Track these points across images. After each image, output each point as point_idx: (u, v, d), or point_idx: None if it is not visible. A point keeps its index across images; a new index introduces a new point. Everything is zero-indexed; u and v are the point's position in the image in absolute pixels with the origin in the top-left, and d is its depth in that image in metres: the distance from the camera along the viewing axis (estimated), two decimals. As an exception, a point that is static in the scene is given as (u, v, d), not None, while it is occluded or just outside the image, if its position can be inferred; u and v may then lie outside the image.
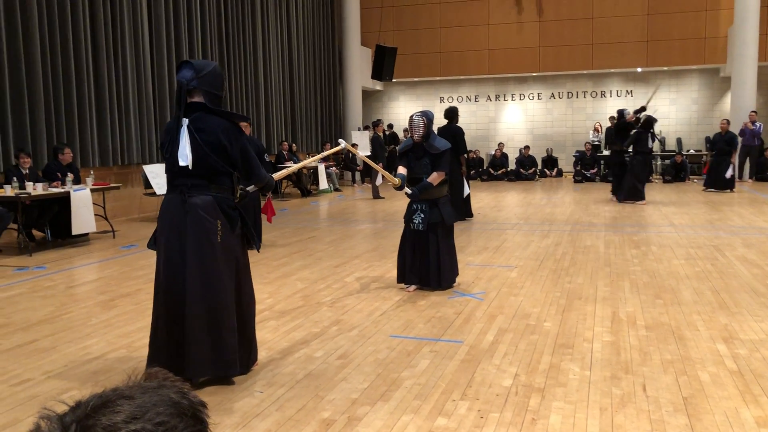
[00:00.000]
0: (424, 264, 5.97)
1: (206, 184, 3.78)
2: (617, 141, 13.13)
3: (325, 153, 5.64)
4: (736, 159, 15.30)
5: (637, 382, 3.76)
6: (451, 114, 10.62)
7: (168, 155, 3.80)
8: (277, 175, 4.46)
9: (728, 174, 14.62)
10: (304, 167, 4.78)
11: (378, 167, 6.21)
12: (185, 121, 3.76)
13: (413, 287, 6.00)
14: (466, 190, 10.30)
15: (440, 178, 5.88)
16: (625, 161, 13.09)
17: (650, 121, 12.68)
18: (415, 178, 5.91)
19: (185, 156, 3.72)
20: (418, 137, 5.87)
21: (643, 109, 13.16)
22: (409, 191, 5.82)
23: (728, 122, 15.32)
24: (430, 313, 5.27)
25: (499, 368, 4.02)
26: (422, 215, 5.86)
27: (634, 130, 12.76)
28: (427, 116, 5.90)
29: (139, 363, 4.20)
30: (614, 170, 13.52)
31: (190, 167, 3.74)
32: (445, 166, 5.88)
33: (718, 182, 14.75)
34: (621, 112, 13.21)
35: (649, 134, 12.68)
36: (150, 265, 7.49)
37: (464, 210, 10.68)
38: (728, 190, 14.65)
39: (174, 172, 3.79)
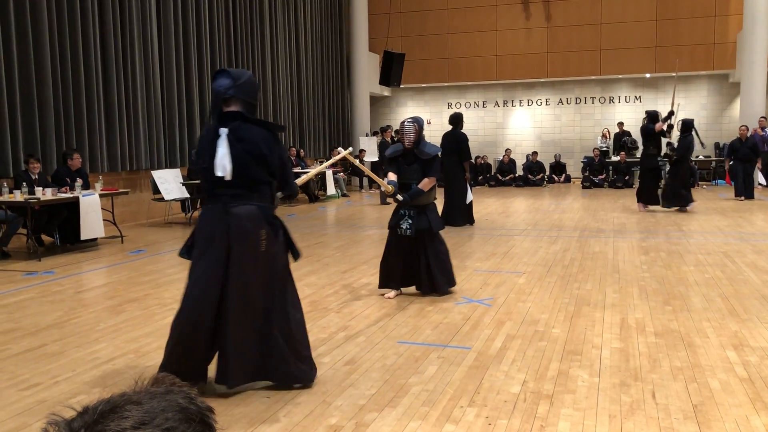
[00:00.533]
0: (416, 269, 5.96)
1: (248, 193, 3.74)
2: (649, 145, 12.39)
3: (330, 162, 5.61)
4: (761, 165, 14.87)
5: (646, 389, 3.74)
6: (456, 120, 10.63)
7: (205, 165, 3.74)
8: (297, 182, 4.45)
9: (764, 181, 14.33)
10: (318, 174, 4.81)
11: (372, 174, 6.18)
12: (224, 131, 3.72)
13: (393, 293, 5.99)
14: (470, 197, 10.31)
15: (431, 183, 5.87)
16: (658, 166, 12.48)
17: (689, 124, 12.23)
18: (404, 184, 5.89)
19: (222, 167, 3.68)
20: (410, 143, 5.87)
21: (672, 113, 12.71)
22: (401, 197, 5.79)
23: (747, 128, 14.83)
24: (437, 319, 5.26)
25: (508, 375, 4.00)
26: (410, 221, 5.83)
27: (680, 135, 12.37)
28: (418, 122, 5.90)
29: (147, 368, 4.21)
30: (646, 176, 12.48)
31: (228, 178, 3.69)
32: (436, 171, 5.88)
33: (749, 190, 14.10)
34: (652, 115, 12.53)
35: (694, 136, 12.33)
36: (158, 270, 7.51)
37: (468, 216, 10.68)
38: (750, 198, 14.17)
39: (213, 182, 3.73)
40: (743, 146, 14.27)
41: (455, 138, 10.44)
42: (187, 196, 11.92)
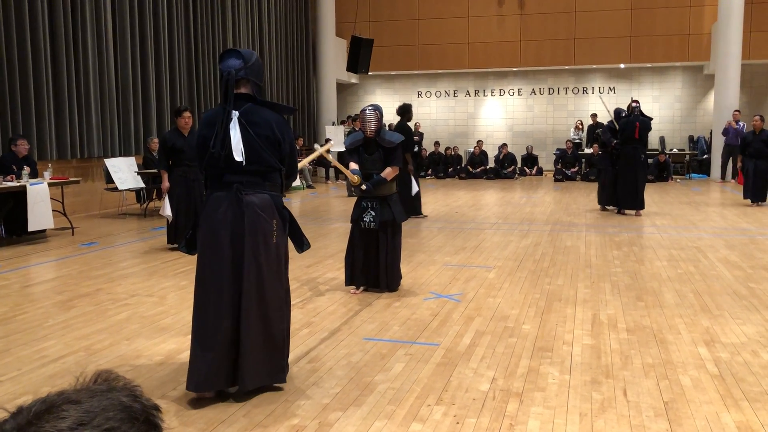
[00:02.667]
0: (374, 265, 5.97)
1: (261, 181, 3.69)
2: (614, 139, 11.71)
3: (310, 158, 5.47)
4: None
5: (617, 386, 3.79)
6: (404, 111, 10.70)
7: (214, 150, 3.63)
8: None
9: None
10: (311, 161, 4.83)
11: (338, 164, 6.12)
12: (235, 114, 3.66)
13: (361, 289, 6.00)
14: (415, 188, 10.45)
15: (394, 173, 5.89)
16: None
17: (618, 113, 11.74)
18: (366, 174, 5.89)
19: (240, 151, 3.63)
20: (371, 132, 5.86)
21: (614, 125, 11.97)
22: (364, 187, 5.79)
23: (762, 119, 12.65)
24: (405, 315, 5.27)
25: (476, 372, 4.03)
26: (373, 213, 5.84)
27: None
28: (379, 110, 5.91)
29: (100, 366, 4.13)
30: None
31: (245, 163, 3.63)
32: (398, 160, 5.91)
33: (761, 192, 12.29)
34: (611, 129, 11.80)
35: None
36: (111, 264, 7.39)
37: (413, 208, 10.84)
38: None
39: (222, 169, 3.66)
40: (756, 140, 12.43)
41: (402, 130, 10.55)
42: (142, 186, 11.75)
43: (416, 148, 20.57)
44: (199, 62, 14.75)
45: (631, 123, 11.24)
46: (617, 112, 11.91)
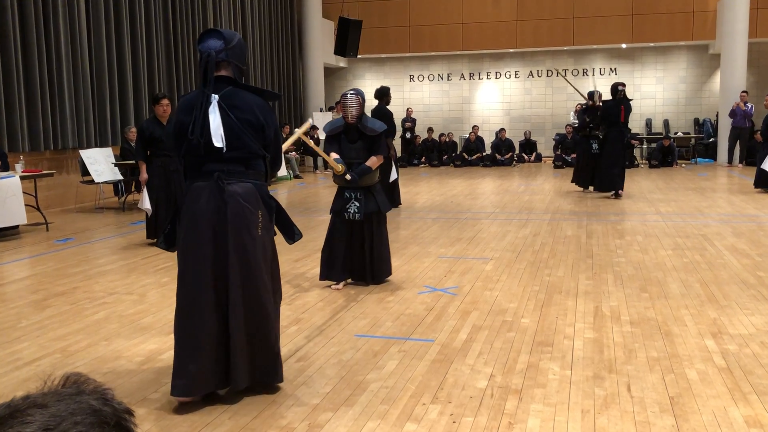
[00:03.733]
0: (359, 257, 5.97)
1: (243, 169, 3.64)
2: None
3: (289, 141, 5.45)
4: None
5: (621, 381, 3.81)
6: (381, 94, 10.77)
7: (192, 136, 3.56)
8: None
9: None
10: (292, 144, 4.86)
11: (321, 152, 6.08)
12: (215, 98, 3.60)
13: (342, 284, 5.97)
14: (394, 175, 10.53)
15: (379, 161, 5.88)
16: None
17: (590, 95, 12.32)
18: (348, 162, 5.86)
19: (220, 136, 3.56)
20: (353, 118, 5.83)
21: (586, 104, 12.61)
22: (349, 177, 5.76)
23: None
24: (398, 310, 5.27)
25: (473, 369, 4.04)
26: (357, 204, 5.82)
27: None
28: (361, 95, 5.87)
29: (77, 369, 4.12)
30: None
31: (225, 149, 3.58)
32: (384, 149, 5.89)
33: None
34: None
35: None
36: (88, 260, 7.37)
37: (391, 197, 10.89)
38: None
39: (201, 157, 3.60)
40: None
41: (380, 113, 10.58)
42: (120, 178, 11.71)
43: (408, 135, 20.77)
44: (178, 46, 14.66)
45: (617, 107, 11.72)
46: (590, 94, 12.53)
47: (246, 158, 3.64)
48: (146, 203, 8.01)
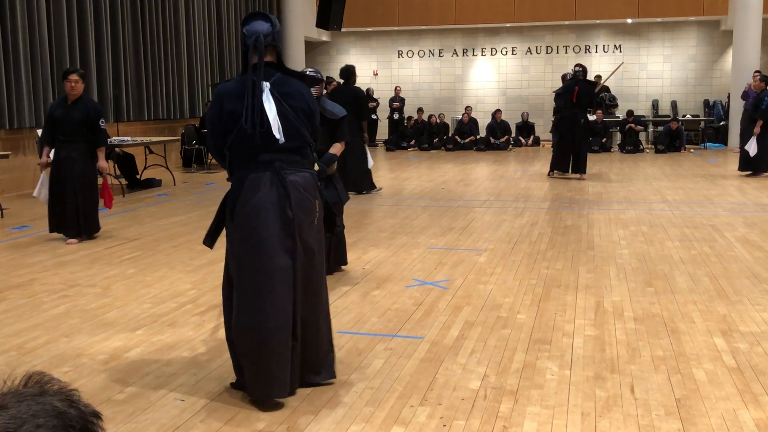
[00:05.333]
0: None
1: (299, 159, 3.76)
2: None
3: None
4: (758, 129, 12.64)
5: (624, 382, 3.84)
6: (349, 73, 10.92)
7: (247, 125, 3.62)
8: None
9: (753, 148, 12.49)
10: None
11: None
12: (267, 85, 3.69)
13: None
14: (370, 162, 10.61)
15: (342, 148, 5.81)
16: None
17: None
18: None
19: (278, 127, 3.66)
20: None
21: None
22: (317, 167, 5.57)
23: None
24: (385, 305, 5.28)
25: (465, 368, 4.05)
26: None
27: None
28: (321, 74, 5.82)
29: (34, 367, 4.10)
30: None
31: (283, 139, 3.68)
32: (346, 134, 5.83)
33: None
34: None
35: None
36: (47, 250, 7.33)
37: (368, 182, 11.07)
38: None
39: (256, 147, 3.67)
40: None
41: (353, 94, 10.62)
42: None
43: (396, 115, 20.76)
44: (145, 18, 14.53)
45: (570, 87, 12.82)
46: (563, 77, 13.90)
47: (300, 147, 3.77)
48: (43, 193, 7.63)
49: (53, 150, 7.74)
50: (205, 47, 16.87)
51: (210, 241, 3.91)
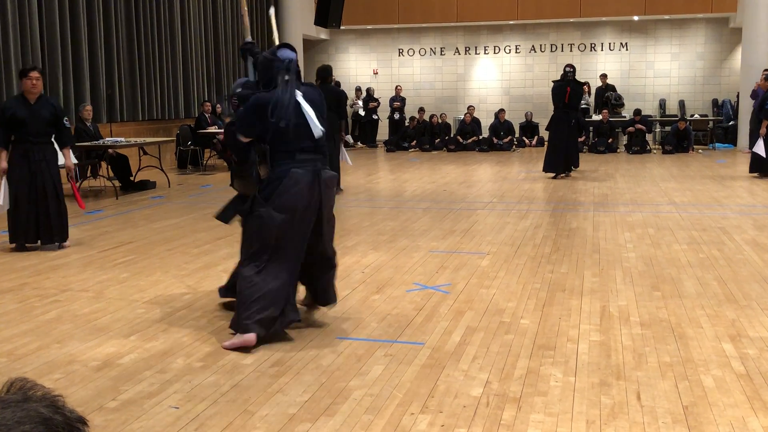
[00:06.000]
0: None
1: (323, 157, 4.72)
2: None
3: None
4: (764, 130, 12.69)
5: (630, 389, 3.84)
6: (326, 72, 11.15)
7: (291, 127, 4.53)
8: None
9: (761, 150, 12.54)
10: None
11: None
12: (299, 94, 4.65)
13: None
14: (348, 161, 11.03)
15: None
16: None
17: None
18: None
19: (319, 129, 4.64)
20: None
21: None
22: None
23: None
24: (384, 310, 5.28)
25: (467, 375, 4.05)
26: None
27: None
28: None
29: (25, 374, 4.10)
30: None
31: (321, 133, 4.64)
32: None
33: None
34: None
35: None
36: (38, 254, 7.33)
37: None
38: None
39: (294, 146, 4.57)
40: None
41: (333, 93, 10.73)
42: (75, 162, 11.61)
43: (397, 115, 20.77)
44: (140, 15, 14.55)
45: (563, 87, 13.22)
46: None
47: (323, 147, 4.71)
48: (3, 199, 7.34)
49: (16, 154, 7.38)
50: (200, 46, 16.89)
51: (225, 217, 5.12)
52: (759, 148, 12.60)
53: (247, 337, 4.47)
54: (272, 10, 6.32)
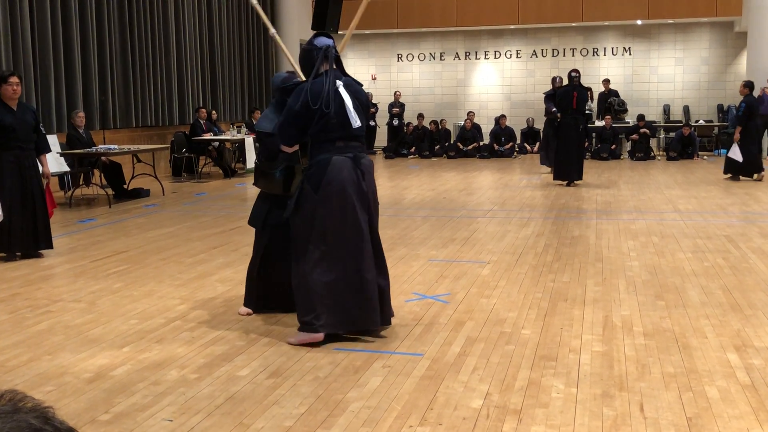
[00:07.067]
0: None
1: (362, 145, 4.95)
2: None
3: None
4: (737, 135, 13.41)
5: (633, 400, 3.84)
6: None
7: (327, 111, 4.67)
8: None
9: (736, 155, 13.31)
10: None
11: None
12: (340, 83, 4.81)
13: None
14: None
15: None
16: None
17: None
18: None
19: (357, 117, 4.81)
20: None
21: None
22: (277, 175, 5.27)
23: None
24: (383, 320, 5.28)
25: (467, 386, 4.06)
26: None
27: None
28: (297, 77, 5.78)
29: (16, 386, 4.09)
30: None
31: (359, 124, 4.82)
32: None
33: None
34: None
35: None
36: (29, 264, 7.33)
37: None
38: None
39: (338, 136, 4.75)
40: None
41: None
42: (67, 169, 11.64)
43: (396, 122, 20.79)
44: (133, 19, 14.59)
45: (569, 93, 13.39)
46: (553, 80, 15.10)
47: (363, 136, 4.93)
48: None
49: (7, 161, 7.30)
50: (195, 51, 16.93)
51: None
52: (734, 152, 13.27)
53: (315, 335, 4.70)
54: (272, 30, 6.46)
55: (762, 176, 13.40)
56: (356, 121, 4.76)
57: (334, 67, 4.85)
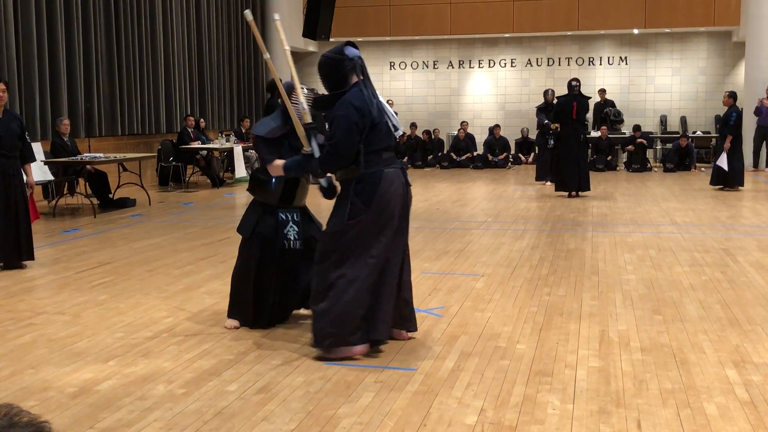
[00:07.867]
0: (292, 294, 5.52)
1: (395, 156, 5.01)
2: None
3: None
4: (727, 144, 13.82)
5: (630, 417, 3.85)
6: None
7: (383, 127, 4.80)
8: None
9: (724, 164, 13.72)
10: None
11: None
12: (377, 94, 4.91)
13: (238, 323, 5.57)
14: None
15: None
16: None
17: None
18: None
19: (399, 127, 5.01)
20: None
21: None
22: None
23: None
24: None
25: (461, 402, 4.06)
26: (296, 228, 5.29)
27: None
28: (314, 92, 5.78)
29: (3, 400, 4.08)
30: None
31: (401, 132, 5.07)
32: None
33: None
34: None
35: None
36: (11, 275, 7.31)
37: None
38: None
39: (384, 146, 4.83)
40: None
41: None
42: (51, 178, 11.62)
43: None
44: (120, 26, 14.59)
45: (569, 103, 13.48)
46: (545, 93, 15.86)
47: (397, 145, 4.92)
48: None
49: None
50: (183, 57, 16.93)
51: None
52: (722, 161, 13.55)
53: (356, 349, 4.75)
54: (277, 16, 6.39)
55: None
56: (400, 129, 4.97)
57: (361, 77, 4.84)
